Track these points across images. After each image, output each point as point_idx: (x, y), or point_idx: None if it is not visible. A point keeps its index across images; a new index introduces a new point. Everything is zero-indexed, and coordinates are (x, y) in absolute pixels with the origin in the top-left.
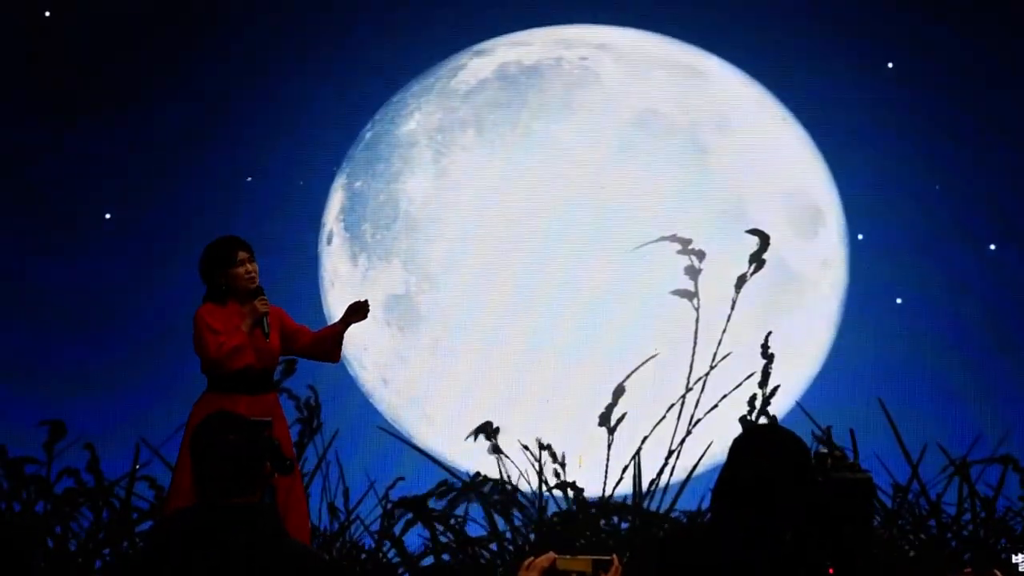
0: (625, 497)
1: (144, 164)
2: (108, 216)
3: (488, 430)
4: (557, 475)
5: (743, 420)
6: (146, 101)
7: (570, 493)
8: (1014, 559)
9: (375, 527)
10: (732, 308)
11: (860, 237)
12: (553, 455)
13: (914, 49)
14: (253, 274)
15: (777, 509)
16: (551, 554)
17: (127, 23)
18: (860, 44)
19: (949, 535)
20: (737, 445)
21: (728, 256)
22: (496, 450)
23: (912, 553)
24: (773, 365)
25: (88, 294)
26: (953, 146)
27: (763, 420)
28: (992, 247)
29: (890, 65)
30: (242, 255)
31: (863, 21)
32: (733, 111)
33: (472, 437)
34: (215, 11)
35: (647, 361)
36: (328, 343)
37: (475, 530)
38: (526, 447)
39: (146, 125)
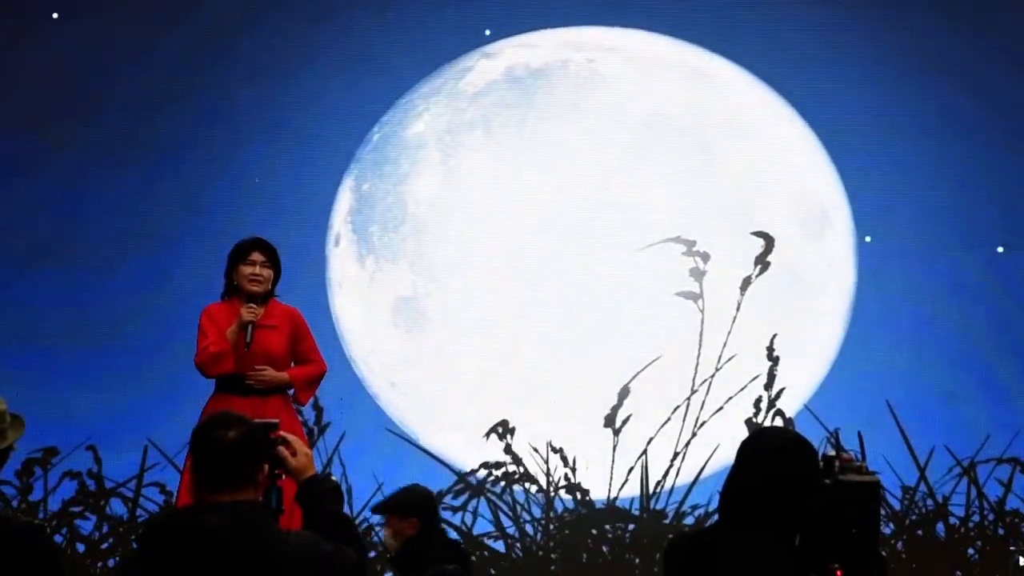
0: (631, 501)
1: (151, 165)
2: (116, 217)
3: (503, 429)
4: (568, 479)
5: (749, 422)
6: (153, 102)
7: (577, 496)
8: (1021, 561)
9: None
10: (737, 310)
11: (868, 239)
12: (564, 459)
13: (922, 51)
14: (259, 278)
15: (785, 511)
16: None
17: (135, 25)
18: (867, 46)
19: (957, 537)
20: (745, 447)
21: (736, 258)
22: (509, 450)
23: (919, 554)
24: (778, 368)
25: (96, 295)
26: (961, 148)
27: (777, 420)
28: (1000, 249)
29: (897, 67)
30: (255, 256)
31: (871, 23)
32: (741, 113)
33: (486, 436)
34: (223, 13)
35: (652, 363)
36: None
37: (483, 526)
38: (536, 449)
39: (153, 126)
